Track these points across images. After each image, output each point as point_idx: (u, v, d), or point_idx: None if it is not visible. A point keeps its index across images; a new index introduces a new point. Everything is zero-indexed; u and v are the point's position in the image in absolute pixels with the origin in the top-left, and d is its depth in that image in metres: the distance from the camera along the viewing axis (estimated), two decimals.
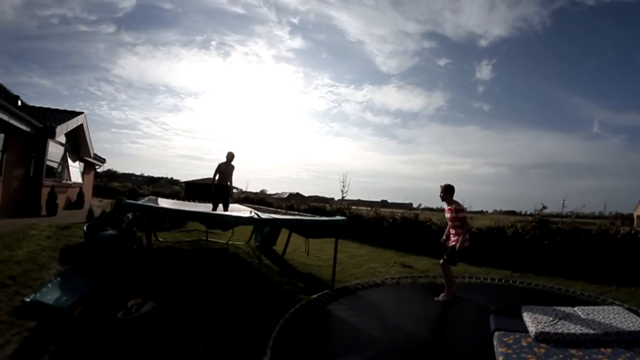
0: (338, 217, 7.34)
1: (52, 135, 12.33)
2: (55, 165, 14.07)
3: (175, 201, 12.46)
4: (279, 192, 65.42)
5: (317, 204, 19.31)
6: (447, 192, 5.92)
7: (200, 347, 3.32)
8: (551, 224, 10.23)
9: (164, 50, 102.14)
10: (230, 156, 8.80)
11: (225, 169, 8.67)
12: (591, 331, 4.24)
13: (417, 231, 12.13)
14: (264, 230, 9.78)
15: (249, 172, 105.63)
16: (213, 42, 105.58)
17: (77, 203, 16.17)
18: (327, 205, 18.63)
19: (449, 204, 5.91)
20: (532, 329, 4.37)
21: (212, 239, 10.60)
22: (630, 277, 7.85)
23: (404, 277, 7.41)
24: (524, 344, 4.16)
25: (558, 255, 9.30)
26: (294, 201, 25.28)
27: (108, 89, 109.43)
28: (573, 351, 3.91)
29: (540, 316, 4.69)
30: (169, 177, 70.47)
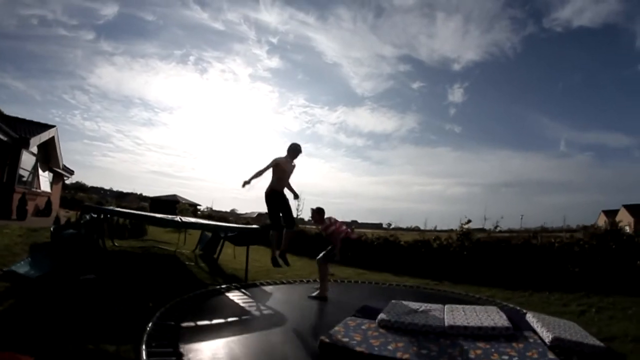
0: (252, 226, 9.07)
1: (26, 145, 13.74)
2: (26, 173, 15.40)
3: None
4: (249, 211, 66.37)
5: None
6: (317, 213, 7.04)
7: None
8: (473, 236, 10.97)
9: (142, 62, 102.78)
10: (295, 150, 6.71)
11: (287, 167, 6.63)
12: (437, 323, 4.54)
13: (351, 244, 13.59)
14: (205, 240, 11.50)
15: (221, 191, 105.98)
16: (191, 57, 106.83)
17: (45, 211, 17.36)
18: None
19: (319, 224, 6.99)
20: (379, 316, 4.73)
21: (164, 247, 12.20)
22: (549, 284, 8.36)
23: (311, 281, 8.56)
24: (363, 327, 4.55)
25: (480, 265, 9.94)
26: (251, 219, 26.86)
27: (83, 98, 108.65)
28: (405, 337, 4.23)
29: (399, 308, 5.13)
30: (139, 193, 70.77)
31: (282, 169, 6.50)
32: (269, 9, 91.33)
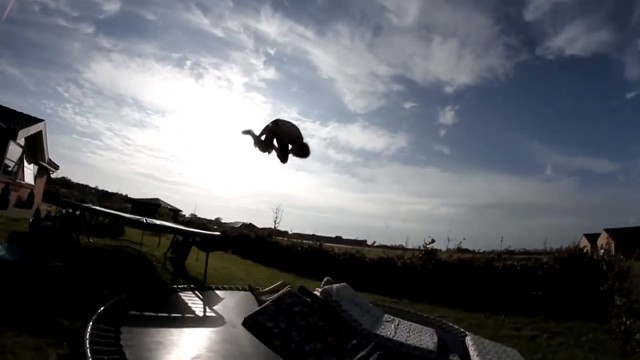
0: (214, 233, 9.71)
1: (14, 137, 14.24)
2: (12, 164, 15.86)
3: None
4: (234, 221, 66.35)
5: (247, 232, 21.52)
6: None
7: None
8: (439, 256, 11.32)
9: (139, 62, 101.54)
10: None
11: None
12: (366, 326, 4.98)
13: (320, 258, 14.07)
14: (176, 244, 12.18)
15: (207, 199, 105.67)
16: (188, 62, 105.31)
17: (27, 203, 17.79)
18: (253, 233, 20.86)
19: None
20: (327, 286, 5.67)
21: (136, 248, 12.80)
22: (507, 307, 8.49)
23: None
24: (295, 309, 5.13)
25: (440, 285, 10.33)
26: (233, 229, 27.43)
27: (76, 92, 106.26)
28: (328, 338, 4.71)
29: (346, 292, 5.90)
30: (124, 194, 70.27)
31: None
32: (269, 20, 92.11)
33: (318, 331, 4.74)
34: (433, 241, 11.96)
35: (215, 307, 6.86)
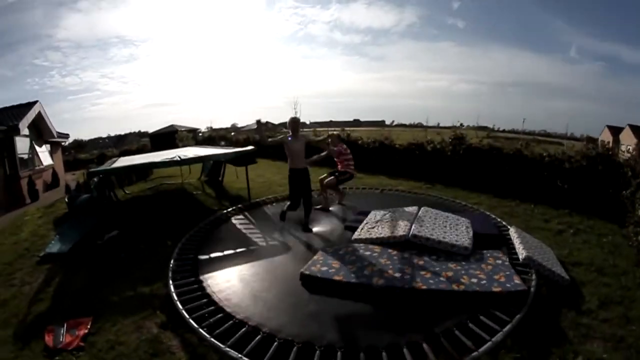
0: (247, 148, 9.44)
1: (17, 132, 13.86)
2: (25, 156, 15.67)
3: (135, 156, 14.30)
4: (250, 122, 65.25)
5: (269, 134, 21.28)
6: (337, 138, 8.16)
7: (122, 254, 5.80)
8: (469, 142, 10.91)
9: None
10: (292, 123, 6.59)
11: (293, 146, 6.41)
12: (401, 233, 5.29)
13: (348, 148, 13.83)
14: (208, 167, 12.18)
15: (219, 108, 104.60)
16: None
17: (53, 183, 17.92)
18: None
19: (335, 147, 7.92)
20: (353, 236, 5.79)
21: (171, 182, 13.01)
22: (535, 196, 8.61)
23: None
24: (340, 252, 5.23)
25: (471, 171, 10.28)
26: (252, 130, 27.16)
27: (56, 57, 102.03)
28: (380, 260, 4.81)
29: (373, 217, 6.26)
30: (137, 131, 69.85)
31: (288, 148, 6.42)
32: None
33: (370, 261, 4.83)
34: (462, 125, 11.66)
35: (271, 227, 6.95)
